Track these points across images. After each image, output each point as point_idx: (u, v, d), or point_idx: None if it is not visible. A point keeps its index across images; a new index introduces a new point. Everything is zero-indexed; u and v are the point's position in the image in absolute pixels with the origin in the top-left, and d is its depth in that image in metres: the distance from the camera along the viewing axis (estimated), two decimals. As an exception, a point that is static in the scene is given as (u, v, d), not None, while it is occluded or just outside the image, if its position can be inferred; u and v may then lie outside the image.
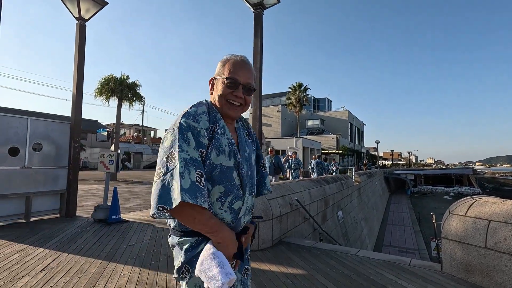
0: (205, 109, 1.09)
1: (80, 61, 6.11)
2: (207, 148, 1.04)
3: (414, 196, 35.28)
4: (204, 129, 1.04)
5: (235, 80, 1.11)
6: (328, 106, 55.74)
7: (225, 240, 1.00)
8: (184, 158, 0.97)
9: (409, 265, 3.32)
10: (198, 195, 0.94)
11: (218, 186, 1.06)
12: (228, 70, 1.12)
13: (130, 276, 2.86)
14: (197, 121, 1.04)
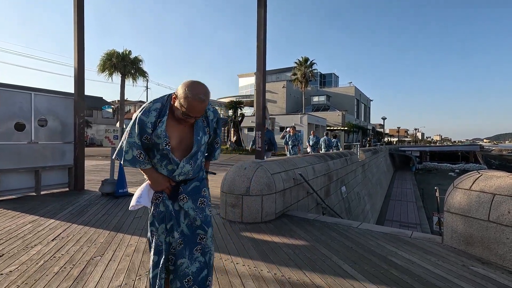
0: (158, 107, 1.66)
1: (79, 33, 5.97)
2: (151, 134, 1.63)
3: (418, 173, 35.34)
4: (150, 122, 1.63)
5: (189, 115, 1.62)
6: (335, 81, 54.52)
7: (153, 181, 1.70)
8: (130, 142, 1.63)
9: (410, 237, 3.37)
10: (137, 163, 1.65)
11: (157, 154, 1.69)
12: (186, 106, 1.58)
13: (137, 246, 2.97)
14: (147, 116, 1.62)
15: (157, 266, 1.68)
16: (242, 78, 54.71)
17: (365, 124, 51.21)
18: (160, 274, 1.66)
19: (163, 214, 1.72)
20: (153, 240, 1.70)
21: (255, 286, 2.21)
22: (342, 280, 2.32)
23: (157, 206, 1.72)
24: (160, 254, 1.69)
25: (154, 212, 1.71)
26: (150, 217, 1.73)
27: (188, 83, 1.60)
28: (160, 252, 1.69)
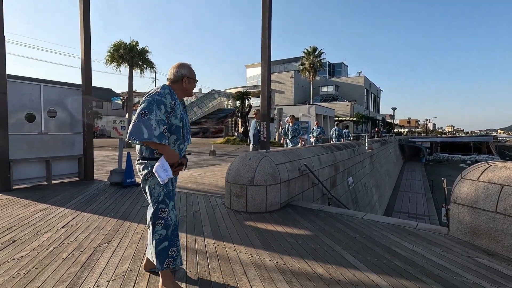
0: (168, 91, 1.98)
1: (85, 24, 5.99)
2: (170, 113, 1.96)
3: (429, 164, 34.80)
4: (168, 103, 1.95)
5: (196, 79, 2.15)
6: (344, 71, 53.56)
7: (169, 155, 1.93)
8: (157, 120, 1.85)
9: (415, 228, 3.34)
10: (163, 138, 1.87)
11: (173, 135, 2.02)
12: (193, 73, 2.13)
13: (143, 234, 3.03)
14: (165, 98, 1.93)
15: (165, 239, 1.97)
16: (250, 69, 54.28)
17: (375, 115, 50.41)
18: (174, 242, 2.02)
19: (172, 192, 2.04)
20: (163, 216, 1.98)
21: (256, 274, 2.23)
22: (344, 270, 2.32)
23: (167, 185, 2.01)
24: (169, 228, 1.99)
25: (165, 191, 2.00)
26: (160, 196, 1.98)
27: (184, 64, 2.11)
28: (169, 226, 2.00)
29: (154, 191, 1.99)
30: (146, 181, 2.00)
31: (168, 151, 1.93)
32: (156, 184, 1.97)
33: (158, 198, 1.98)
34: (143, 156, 2.00)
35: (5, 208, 3.91)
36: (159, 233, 1.97)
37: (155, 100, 1.86)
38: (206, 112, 44.15)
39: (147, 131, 1.79)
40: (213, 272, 2.26)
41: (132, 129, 1.82)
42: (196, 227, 3.26)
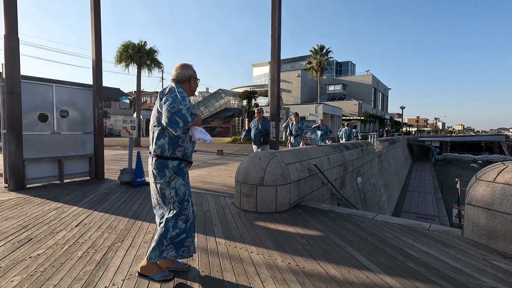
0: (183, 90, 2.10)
1: (96, 27, 6.06)
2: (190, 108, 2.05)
3: (438, 164, 34.27)
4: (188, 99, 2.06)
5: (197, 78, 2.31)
6: (351, 70, 53.06)
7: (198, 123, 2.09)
8: (186, 108, 1.99)
9: (428, 229, 3.29)
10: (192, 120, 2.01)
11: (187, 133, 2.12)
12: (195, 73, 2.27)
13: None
14: (185, 95, 2.07)
15: (184, 232, 2.11)
16: (257, 68, 54.22)
17: (383, 114, 49.84)
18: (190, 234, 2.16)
19: (190, 190, 2.20)
20: (185, 212, 2.11)
21: (269, 274, 2.23)
22: (357, 271, 2.30)
23: (187, 185, 2.16)
24: (188, 222, 2.14)
25: (187, 191, 2.15)
26: (186, 195, 2.12)
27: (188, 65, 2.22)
28: (188, 221, 2.14)
29: (179, 191, 2.10)
30: (169, 183, 2.07)
31: (196, 121, 2.07)
32: (181, 184, 2.10)
33: (184, 197, 2.11)
34: (165, 155, 2.07)
35: (21, 206, 3.99)
36: (179, 227, 2.09)
37: (178, 95, 2.01)
38: (213, 111, 44.31)
39: (182, 120, 1.93)
40: (226, 272, 2.27)
41: (170, 122, 1.92)
42: (207, 227, 3.27)
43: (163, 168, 2.06)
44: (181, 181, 2.10)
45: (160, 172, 2.07)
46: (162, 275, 2.09)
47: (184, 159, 2.13)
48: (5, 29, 4.77)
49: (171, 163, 2.07)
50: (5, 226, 3.20)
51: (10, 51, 4.86)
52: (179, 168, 2.11)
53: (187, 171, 2.19)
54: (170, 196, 2.09)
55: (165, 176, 2.07)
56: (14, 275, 2.15)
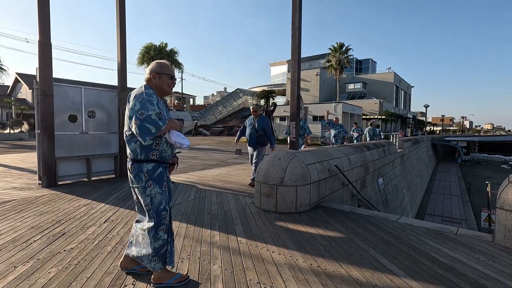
0: (152, 92, 2.03)
1: (121, 31, 6.30)
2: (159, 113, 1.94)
3: (465, 165, 32.72)
4: (156, 101, 1.98)
5: (173, 76, 2.15)
6: (372, 67, 51.70)
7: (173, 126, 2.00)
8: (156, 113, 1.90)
9: (456, 234, 3.17)
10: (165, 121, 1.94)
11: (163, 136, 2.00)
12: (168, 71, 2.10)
13: (178, 231, 3.15)
14: (154, 98, 1.98)
15: (166, 243, 2.04)
16: (274, 67, 54.09)
17: (405, 113, 48.21)
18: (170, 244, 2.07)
19: (169, 198, 2.09)
20: (164, 222, 2.03)
21: (291, 274, 2.25)
22: (381, 275, 2.27)
23: (165, 192, 2.04)
24: (168, 231, 2.07)
25: (165, 198, 2.04)
26: (162, 204, 2.02)
27: (155, 63, 2.11)
28: (169, 230, 2.07)
29: (154, 199, 2.00)
30: (145, 189, 1.98)
31: (170, 125, 1.98)
32: (158, 193, 1.99)
33: (159, 206, 2.00)
34: (139, 159, 1.98)
35: (54, 202, 4.24)
36: (162, 238, 2.02)
37: (145, 99, 1.92)
38: (231, 110, 44.70)
39: (153, 126, 1.85)
40: (248, 271, 2.30)
41: (141, 131, 1.84)
42: (228, 226, 3.33)
43: (138, 173, 1.98)
44: (157, 189, 1.99)
45: (136, 177, 1.99)
46: (176, 278, 2.07)
47: (161, 161, 2.02)
48: (40, 35, 5.07)
49: (145, 167, 1.96)
50: (41, 220, 3.41)
51: (44, 56, 5.16)
52: (156, 173, 1.99)
53: (167, 176, 2.08)
54: (145, 203, 2.01)
55: (141, 181, 1.98)
56: (51, 266, 2.29)
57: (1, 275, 2.15)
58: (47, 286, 2.02)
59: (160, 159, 2.01)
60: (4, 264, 2.33)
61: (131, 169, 2.00)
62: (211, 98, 68.78)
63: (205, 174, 7.08)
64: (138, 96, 1.94)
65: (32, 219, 3.44)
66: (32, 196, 4.55)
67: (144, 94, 1.95)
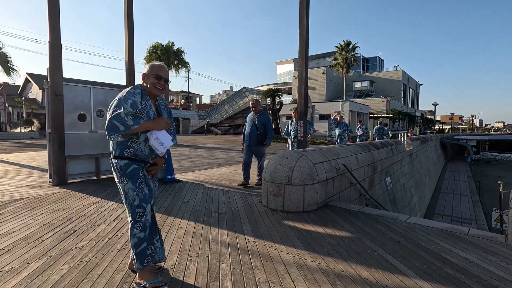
0: (139, 91, 2.03)
1: (129, 29, 6.36)
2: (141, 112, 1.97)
3: (475, 164, 32.16)
4: (138, 101, 1.98)
5: (161, 76, 2.09)
6: (379, 65, 51.11)
7: (155, 124, 2.00)
8: (125, 112, 1.88)
9: (467, 234, 3.12)
10: (139, 121, 1.93)
11: (143, 135, 2.01)
12: (155, 71, 2.08)
13: (187, 229, 3.18)
14: (134, 96, 1.98)
15: (143, 241, 2.01)
16: (280, 65, 53.94)
17: (413, 111, 47.58)
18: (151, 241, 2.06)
19: (148, 195, 2.04)
20: (141, 220, 1.99)
21: (299, 274, 2.24)
22: (390, 275, 2.25)
23: (142, 189, 2.01)
24: (146, 230, 2.02)
25: (140, 195, 2.00)
26: (135, 200, 1.99)
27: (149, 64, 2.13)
28: (146, 229, 2.02)
29: (128, 195, 1.99)
30: (120, 184, 2.02)
31: (152, 122, 1.98)
32: (131, 189, 1.98)
33: (133, 203, 1.99)
34: (114, 155, 2.02)
35: (64, 200, 4.31)
36: (137, 236, 1.99)
37: (123, 98, 1.94)
38: (237, 109, 44.76)
39: (121, 124, 1.86)
40: (257, 269, 2.31)
41: (108, 127, 1.88)
42: (236, 225, 3.34)
43: (114, 168, 2.02)
44: (130, 185, 1.98)
45: (114, 171, 2.04)
46: (153, 281, 1.98)
47: (135, 159, 2.01)
48: (50, 36, 5.15)
49: (119, 163, 1.99)
50: (53, 218, 3.48)
51: (54, 56, 5.24)
52: (129, 169, 1.99)
53: (143, 174, 2.04)
54: (122, 198, 2.03)
55: (116, 176, 2.02)
56: (63, 263, 2.34)
57: (15, 271, 2.20)
58: (59, 282, 2.06)
59: (135, 157, 2.01)
60: (18, 260, 2.38)
61: (111, 164, 2.06)
62: (217, 97, 68.96)
63: (212, 173, 7.11)
64: (120, 94, 1.98)
65: (44, 217, 3.51)
66: (43, 194, 4.64)
67: (126, 92, 1.98)
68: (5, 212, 3.68)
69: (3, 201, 4.23)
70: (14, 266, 2.29)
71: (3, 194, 4.66)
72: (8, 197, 4.46)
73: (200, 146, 16.18)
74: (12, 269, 2.24)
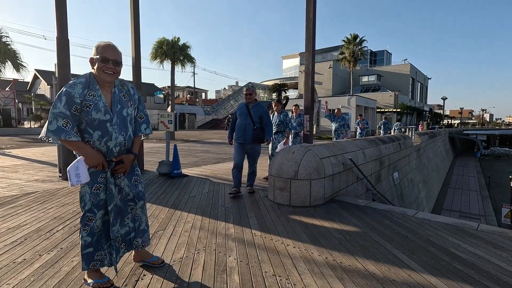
0: (83, 81, 1.76)
1: (135, 25, 6.36)
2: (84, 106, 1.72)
3: (484, 159, 31.61)
4: (78, 93, 1.71)
5: (107, 58, 1.79)
6: (387, 59, 50.29)
7: (87, 155, 1.73)
8: (54, 112, 1.64)
9: (477, 230, 3.08)
10: (62, 133, 1.64)
11: (97, 131, 1.77)
12: (101, 52, 1.78)
13: (194, 223, 3.20)
14: (73, 89, 1.70)
15: (90, 245, 1.89)
16: (286, 60, 53.52)
17: (421, 105, 46.85)
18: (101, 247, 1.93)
19: (103, 201, 1.88)
20: (89, 224, 1.86)
21: (306, 268, 2.25)
22: (398, 269, 2.23)
23: (97, 195, 1.85)
24: (94, 235, 1.89)
25: (94, 201, 1.84)
26: (88, 203, 1.84)
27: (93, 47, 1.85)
28: (95, 234, 1.89)
29: (84, 197, 1.84)
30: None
31: (84, 150, 1.73)
32: (86, 192, 1.83)
33: (85, 206, 1.85)
34: (74, 154, 1.84)
35: (74, 194, 4.38)
36: (84, 239, 1.87)
37: (61, 92, 1.70)
38: (243, 105, 44.67)
39: (45, 126, 1.65)
40: (263, 263, 2.32)
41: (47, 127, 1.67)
42: (242, 219, 3.35)
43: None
44: (87, 189, 1.83)
45: None
46: (97, 281, 1.91)
47: None
48: (57, 32, 5.19)
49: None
50: (63, 211, 3.54)
51: (62, 52, 5.28)
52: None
53: (103, 178, 1.85)
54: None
55: None
56: (74, 255, 2.38)
57: (27, 263, 2.25)
58: (70, 274, 2.10)
59: None
60: (30, 252, 2.44)
61: None
62: (223, 92, 68.98)
63: (218, 167, 7.13)
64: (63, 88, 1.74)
65: (54, 210, 3.58)
66: (53, 188, 4.73)
67: (66, 85, 1.72)
68: (17, 206, 3.76)
69: (14, 195, 4.32)
70: (26, 257, 2.34)
71: (15, 188, 4.77)
72: (20, 191, 4.56)
73: (206, 142, 16.24)
74: (24, 260, 2.30)
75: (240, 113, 4.35)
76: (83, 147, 1.73)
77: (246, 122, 4.21)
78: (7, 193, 4.40)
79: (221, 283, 2.02)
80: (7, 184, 5.04)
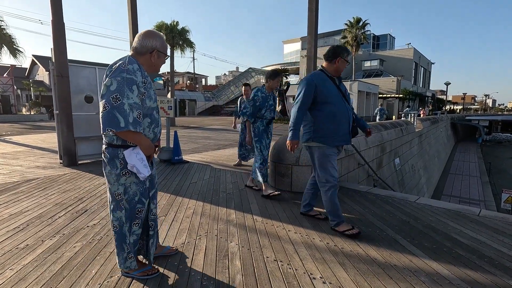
0: (137, 67, 1.66)
1: (133, 8, 6.17)
2: (144, 94, 1.68)
3: (486, 145, 31.55)
4: (140, 81, 1.65)
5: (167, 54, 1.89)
6: (390, 43, 49.24)
7: (146, 145, 1.71)
8: (130, 103, 1.57)
9: (478, 215, 3.07)
10: (138, 125, 1.61)
11: (146, 119, 1.76)
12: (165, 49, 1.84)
13: (195, 209, 3.21)
14: (136, 76, 1.62)
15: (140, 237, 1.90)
16: (287, 45, 52.51)
17: (424, 91, 46.31)
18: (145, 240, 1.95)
19: (148, 189, 1.84)
20: (140, 216, 1.82)
21: (308, 253, 2.25)
22: (399, 255, 2.24)
23: (143, 183, 1.80)
24: (143, 226, 1.89)
25: (141, 190, 1.79)
26: (137, 195, 1.78)
27: (155, 34, 1.78)
28: (143, 225, 1.88)
29: (130, 189, 1.75)
30: (118, 177, 1.71)
31: (145, 142, 1.69)
32: (133, 182, 1.75)
33: (135, 198, 1.77)
34: (115, 144, 1.68)
35: (75, 180, 4.39)
36: (136, 233, 1.84)
37: (125, 79, 1.57)
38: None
39: (123, 119, 1.53)
40: (265, 248, 2.32)
41: (105, 119, 1.53)
42: (243, 205, 3.35)
43: (113, 158, 1.69)
44: (134, 179, 1.74)
45: (111, 162, 1.70)
46: (141, 270, 1.89)
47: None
48: (52, 14, 5.04)
49: (122, 153, 1.67)
50: (64, 197, 3.55)
51: (58, 35, 5.15)
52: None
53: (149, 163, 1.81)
54: (117, 193, 1.74)
55: (115, 168, 1.69)
56: (76, 241, 2.39)
57: (30, 248, 2.27)
58: (73, 259, 2.11)
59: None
60: (33, 238, 2.45)
61: (105, 154, 1.72)
62: (223, 78, 68.14)
63: (219, 154, 7.12)
64: (115, 73, 1.58)
65: (56, 196, 3.59)
66: (54, 175, 4.73)
67: (126, 72, 1.58)
68: (18, 192, 3.77)
69: (16, 181, 4.33)
70: (29, 243, 2.35)
71: (16, 174, 4.77)
72: (21, 177, 4.57)
73: (207, 128, 16.18)
74: (27, 246, 2.31)
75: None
76: (144, 138, 1.70)
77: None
78: (9, 180, 4.40)
79: (223, 269, 2.03)
80: (8, 171, 5.04)
